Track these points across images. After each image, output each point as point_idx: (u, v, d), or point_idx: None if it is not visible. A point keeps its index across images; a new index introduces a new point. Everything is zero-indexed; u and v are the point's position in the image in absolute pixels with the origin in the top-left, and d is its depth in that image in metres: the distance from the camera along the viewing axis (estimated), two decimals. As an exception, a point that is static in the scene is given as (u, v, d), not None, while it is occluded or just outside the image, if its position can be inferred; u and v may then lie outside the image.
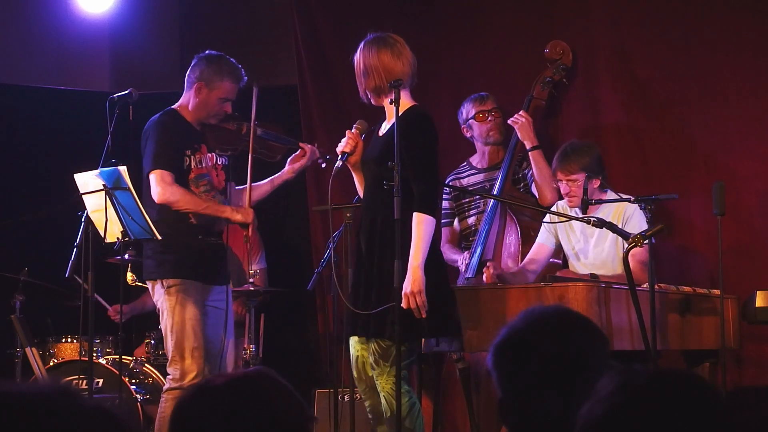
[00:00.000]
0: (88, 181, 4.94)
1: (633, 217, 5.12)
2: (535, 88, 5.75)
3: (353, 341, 4.59)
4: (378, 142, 4.64)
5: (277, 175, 5.38)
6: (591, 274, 5.05)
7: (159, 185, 5.01)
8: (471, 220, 5.75)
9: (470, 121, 5.74)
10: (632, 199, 4.97)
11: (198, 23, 7.32)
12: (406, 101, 4.59)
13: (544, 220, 5.38)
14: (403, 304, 4.32)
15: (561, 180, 5.22)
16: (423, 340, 4.62)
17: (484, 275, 5.13)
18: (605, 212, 5.18)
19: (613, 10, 5.90)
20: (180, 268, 5.07)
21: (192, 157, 5.15)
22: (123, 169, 4.87)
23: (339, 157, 4.67)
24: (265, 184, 5.37)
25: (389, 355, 4.41)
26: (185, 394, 1.90)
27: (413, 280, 4.35)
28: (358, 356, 4.55)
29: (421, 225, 4.41)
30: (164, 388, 5.13)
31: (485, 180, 5.74)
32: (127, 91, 5.13)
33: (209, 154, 5.20)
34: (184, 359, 5.02)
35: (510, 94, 5.87)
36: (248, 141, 5.18)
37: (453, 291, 4.69)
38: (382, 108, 4.68)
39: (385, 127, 4.69)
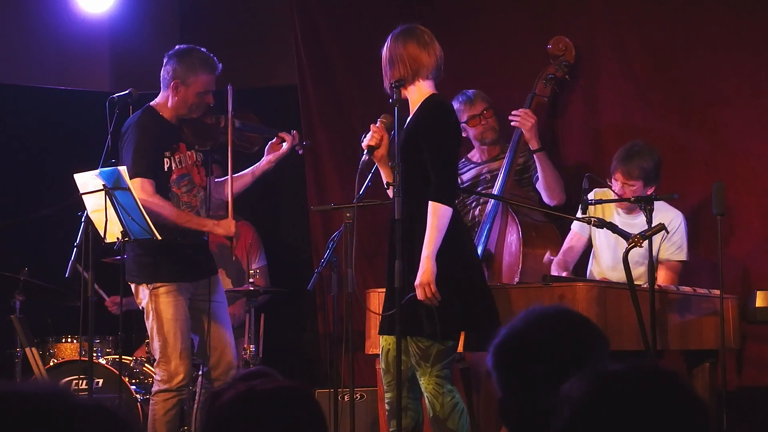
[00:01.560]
0: (88, 181, 4.93)
1: (678, 231, 5.13)
2: (537, 84, 5.72)
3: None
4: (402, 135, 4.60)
5: (256, 165, 5.38)
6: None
7: (139, 195, 4.96)
8: (476, 212, 5.75)
9: (463, 124, 5.74)
10: (632, 199, 4.97)
11: (198, 23, 7.31)
12: (427, 90, 4.57)
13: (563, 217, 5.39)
14: (418, 296, 4.33)
15: (617, 180, 5.18)
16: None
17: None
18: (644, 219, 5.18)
19: (613, 9, 5.90)
20: (163, 271, 5.07)
21: (171, 158, 5.14)
22: (123, 169, 4.86)
23: (365, 151, 4.64)
24: (246, 175, 5.37)
25: (429, 356, 4.40)
26: (227, 396, 1.89)
27: (423, 270, 4.33)
28: (389, 349, 4.53)
29: (435, 215, 4.36)
30: (153, 390, 5.13)
31: (487, 171, 5.74)
32: (127, 91, 5.13)
33: (188, 152, 5.20)
34: (171, 361, 5.03)
35: (510, 93, 5.87)
36: (227, 134, 5.18)
37: (488, 286, 4.63)
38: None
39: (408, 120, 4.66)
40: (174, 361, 5.02)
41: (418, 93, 4.55)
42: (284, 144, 5.35)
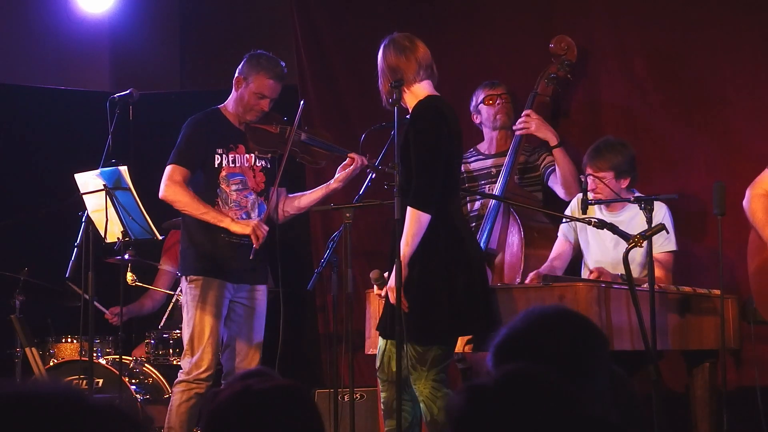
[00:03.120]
0: (89, 181, 4.94)
1: (663, 220, 5.13)
2: (539, 84, 5.71)
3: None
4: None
5: (324, 185, 5.37)
6: (621, 275, 5.02)
7: (165, 181, 5.07)
8: (476, 205, 5.73)
9: (479, 105, 5.75)
10: (632, 198, 4.97)
11: (198, 23, 7.32)
12: (422, 92, 4.54)
13: (564, 219, 5.39)
14: (391, 299, 4.33)
15: (589, 174, 5.21)
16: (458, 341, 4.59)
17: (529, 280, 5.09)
18: (633, 212, 5.20)
19: (614, 9, 5.90)
20: (199, 264, 5.13)
21: (225, 155, 5.17)
22: (123, 169, 4.87)
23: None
24: (317, 191, 5.36)
25: (426, 360, 4.38)
26: (223, 395, 1.90)
27: (393, 275, 4.31)
28: (384, 350, 4.53)
29: (411, 220, 4.34)
30: (175, 380, 5.21)
31: (492, 166, 5.73)
32: (127, 91, 5.14)
33: (247, 155, 5.22)
34: (195, 354, 5.09)
35: (510, 94, 5.86)
36: (287, 144, 5.20)
37: (490, 291, 4.59)
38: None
39: None
40: (197, 355, 5.08)
41: (413, 97, 4.52)
42: (352, 166, 5.27)
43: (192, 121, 5.20)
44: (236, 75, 5.24)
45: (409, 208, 4.35)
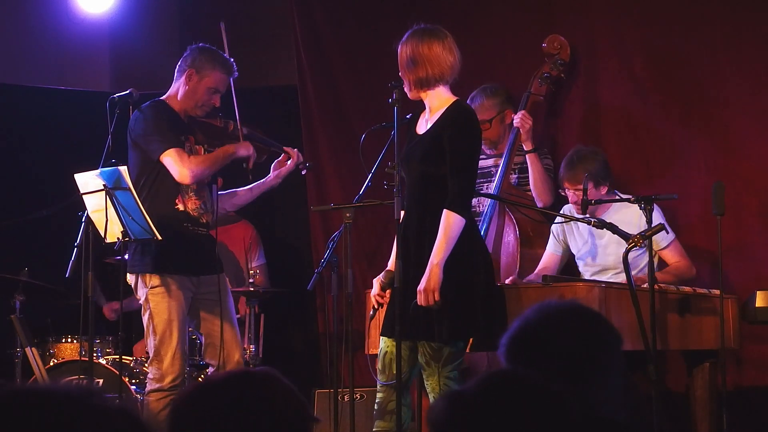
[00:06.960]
0: (89, 181, 4.94)
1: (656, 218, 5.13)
2: (532, 83, 5.72)
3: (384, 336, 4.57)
4: (421, 140, 4.55)
5: (261, 181, 5.38)
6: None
7: (179, 165, 5.01)
8: (473, 201, 5.74)
9: None
10: (632, 198, 4.97)
11: (198, 23, 7.31)
12: (447, 96, 4.55)
13: (553, 223, 5.39)
14: (419, 301, 4.31)
15: (568, 189, 5.22)
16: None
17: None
18: (623, 212, 5.19)
19: (613, 9, 5.90)
20: (163, 262, 5.02)
21: (183, 146, 5.15)
22: (123, 169, 4.87)
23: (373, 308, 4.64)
24: (252, 188, 5.40)
25: (441, 357, 4.38)
26: (183, 391, 1.89)
27: (429, 277, 4.29)
28: (386, 352, 4.52)
29: (449, 224, 4.33)
30: (146, 389, 5.13)
31: (492, 165, 5.74)
32: (127, 91, 5.13)
33: (197, 146, 5.21)
34: (164, 360, 5.01)
35: (510, 93, 5.86)
36: (234, 139, 5.21)
37: (502, 290, 4.62)
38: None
39: (422, 124, 4.62)
40: (167, 361, 5.00)
41: (438, 98, 4.51)
42: (290, 161, 5.35)
43: (153, 110, 5.09)
44: (186, 68, 5.16)
45: (446, 211, 4.34)
